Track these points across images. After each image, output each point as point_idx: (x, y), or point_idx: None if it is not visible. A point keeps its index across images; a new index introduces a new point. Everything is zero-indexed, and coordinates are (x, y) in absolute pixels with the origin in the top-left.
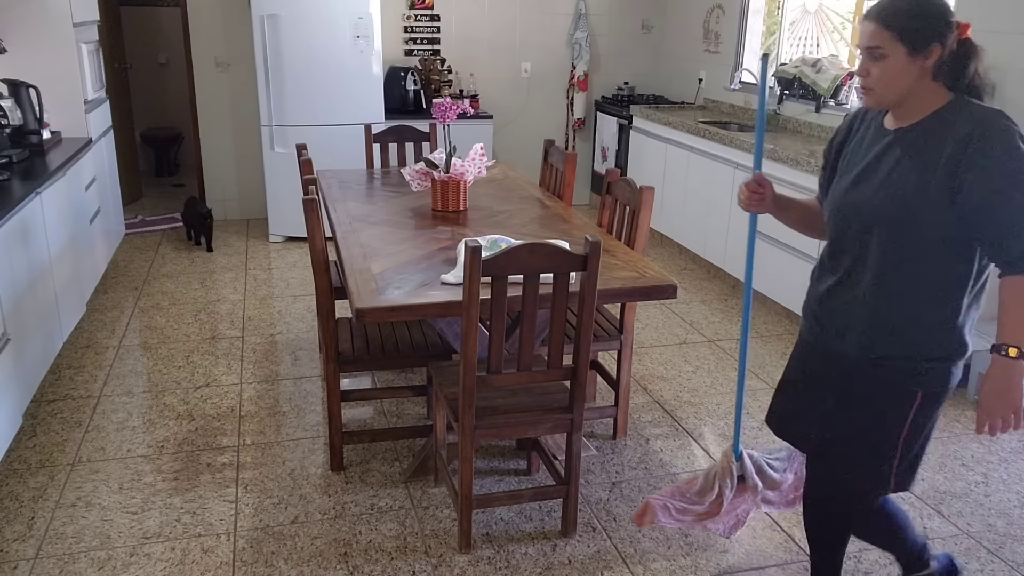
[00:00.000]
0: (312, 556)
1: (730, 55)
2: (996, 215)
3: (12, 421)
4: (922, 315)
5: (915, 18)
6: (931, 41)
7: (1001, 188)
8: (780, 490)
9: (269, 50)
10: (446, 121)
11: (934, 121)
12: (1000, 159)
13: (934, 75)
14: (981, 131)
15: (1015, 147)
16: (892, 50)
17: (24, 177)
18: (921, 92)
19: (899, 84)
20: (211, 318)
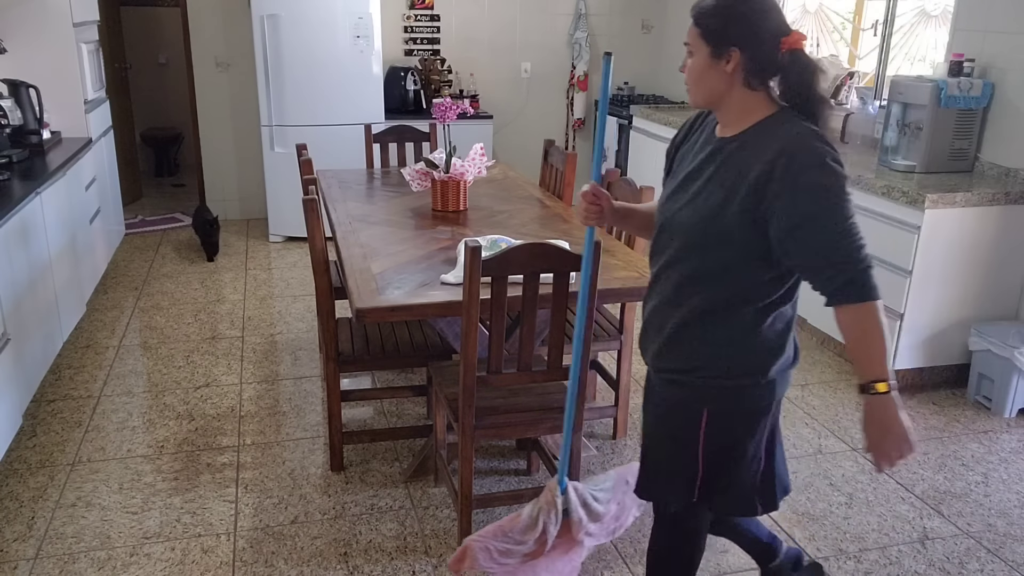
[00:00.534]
0: (312, 556)
1: None
2: (809, 245)
3: (12, 421)
4: (718, 334)
5: (717, 18)
6: (728, 45)
7: (813, 215)
8: (602, 522)
9: (269, 50)
10: (446, 121)
11: (752, 135)
12: (809, 186)
13: (748, 83)
14: (789, 154)
15: (825, 171)
16: (698, 48)
17: (24, 177)
18: (740, 100)
19: (705, 85)
20: (211, 318)
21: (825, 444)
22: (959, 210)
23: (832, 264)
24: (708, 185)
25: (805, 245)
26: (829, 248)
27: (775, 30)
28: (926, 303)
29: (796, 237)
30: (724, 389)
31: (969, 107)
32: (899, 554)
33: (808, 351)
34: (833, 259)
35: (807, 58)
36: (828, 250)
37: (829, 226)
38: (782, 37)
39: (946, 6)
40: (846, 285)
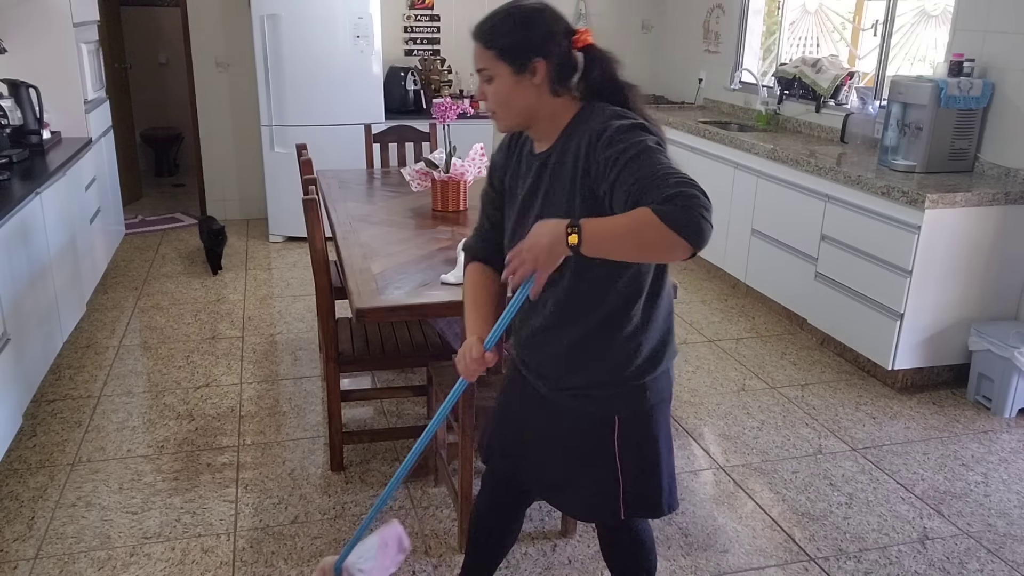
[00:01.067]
0: (312, 556)
1: (730, 55)
2: (634, 174)
3: (12, 421)
4: (615, 341)
5: (511, 34)
6: (532, 57)
7: (633, 156)
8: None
9: (269, 50)
10: (446, 121)
11: (566, 136)
12: (623, 139)
13: (553, 91)
14: (600, 130)
15: (636, 129)
16: (498, 70)
17: (24, 177)
18: (550, 110)
19: (517, 105)
20: (211, 318)
21: (825, 444)
22: (959, 210)
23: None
24: (547, 201)
25: (632, 176)
26: (654, 171)
27: (566, 30)
28: (926, 303)
29: (623, 176)
30: (632, 390)
31: (969, 107)
32: (899, 554)
33: (808, 351)
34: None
35: (601, 51)
36: (653, 173)
37: (650, 158)
38: (572, 36)
39: (946, 6)
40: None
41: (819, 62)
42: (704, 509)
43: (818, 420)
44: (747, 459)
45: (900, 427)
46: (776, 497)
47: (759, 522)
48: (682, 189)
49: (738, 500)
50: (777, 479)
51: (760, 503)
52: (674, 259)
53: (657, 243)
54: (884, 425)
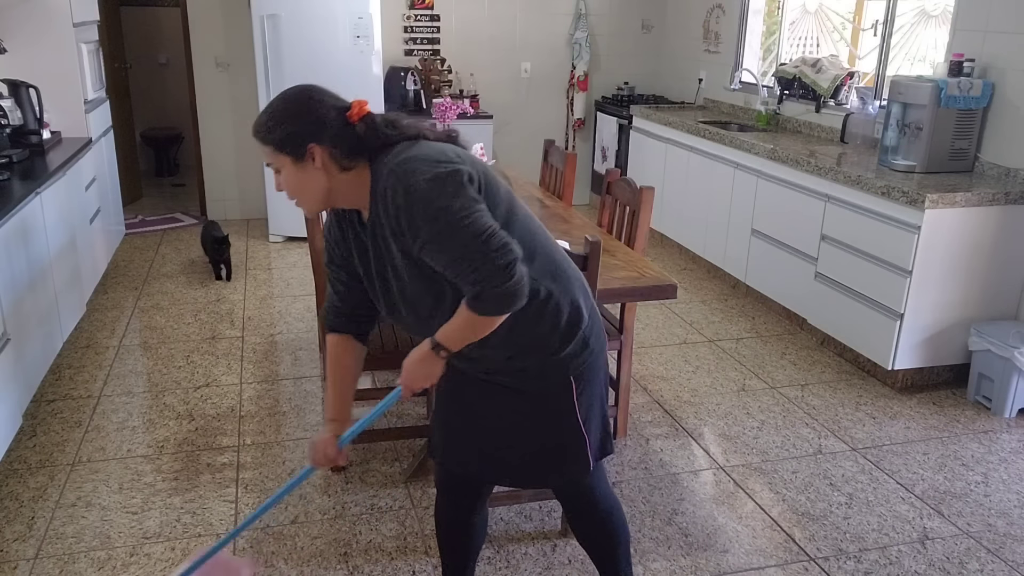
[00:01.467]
0: (312, 556)
1: (730, 55)
2: (442, 258)
3: (12, 421)
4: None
5: (281, 127)
6: (304, 143)
7: (432, 236)
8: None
9: (269, 50)
10: (446, 121)
11: (372, 200)
12: (414, 207)
13: (342, 168)
14: (390, 191)
15: (424, 186)
16: (280, 162)
17: (24, 177)
18: (347, 183)
19: (308, 190)
20: (211, 318)
21: (825, 444)
22: (959, 210)
23: (463, 277)
24: (390, 264)
25: (441, 261)
26: (456, 261)
27: (337, 108)
28: (926, 303)
29: (434, 256)
30: (576, 350)
31: (969, 107)
32: (899, 554)
33: (808, 351)
34: (463, 271)
35: (378, 117)
36: (455, 264)
37: (453, 240)
38: (346, 113)
39: (946, 6)
40: (479, 294)
41: (819, 62)
42: (704, 509)
43: (818, 420)
44: (747, 459)
45: (900, 427)
46: (776, 497)
47: (759, 522)
48: (483, 284)
49: (738, 500)
50: (777, 479)
51: (760, 503)
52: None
53: (493, 323)
54: (884, 425)
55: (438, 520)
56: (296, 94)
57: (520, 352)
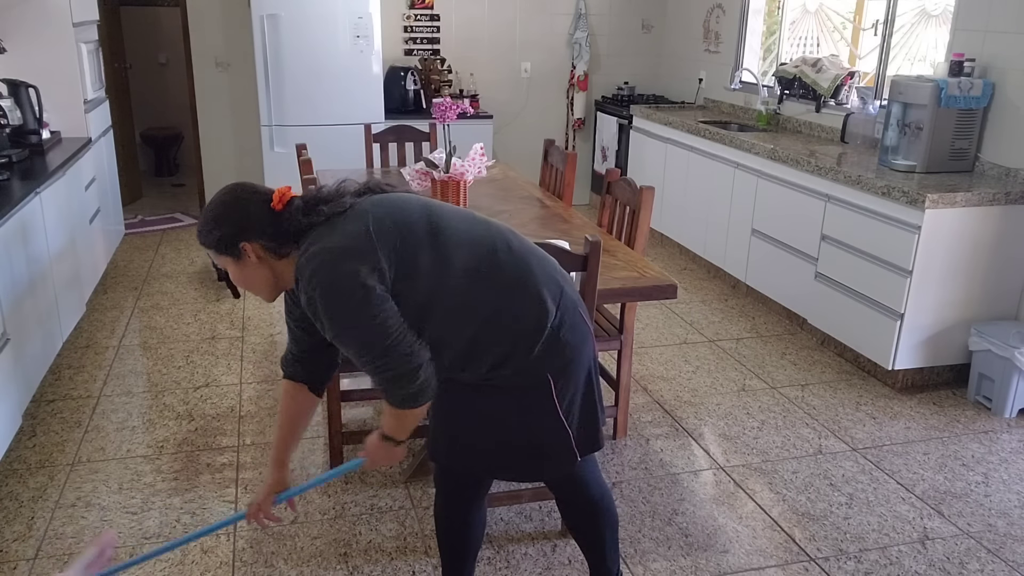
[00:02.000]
0: (312, 556)
1: (730, 55)
2: (350, 352)
3: (12, 421)
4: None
5: (212, 231)
6: (236, 243)
7: (336, 336)
8: None
9: (269, 50)
10: (446, 121)
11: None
12: (317, 307)
13: (279, 256)
14: (303, 283)
15: (325, 291)
16: (224, 262)
17: (24, 177)
18: (285, 270)
19: (257, 281)
20: (211, 318)
21: (825, 444)
22: (959, 210)
23: (379, 375)
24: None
25: (347, 351)
26: (364, 360)
27: (260, 201)
28: (926, 303)
29: (339, 345)
30: (550, 350)
31: (969, 107)
32: (899, 554)
33: (808, 351)
34: (374, 369)
35: (297, 200)
36: (364, 362)
37: (356, 347)
38: (271, 204)
39: (946, 6)
40: (386, 392)
41: (819, 62)
42: (704, 509)
43: (818, 420)
44: (747, 459)
45: (900, 427)
46: (776, 497)
47: (759, 522)
48: (386, 387)
49: (738, 500)
50: (777, 479)
51: (760, 503)
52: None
53: (417, 416)
54: (884, 425)
55: (437, 519)
56: (222, 196)
57: (494, 365)
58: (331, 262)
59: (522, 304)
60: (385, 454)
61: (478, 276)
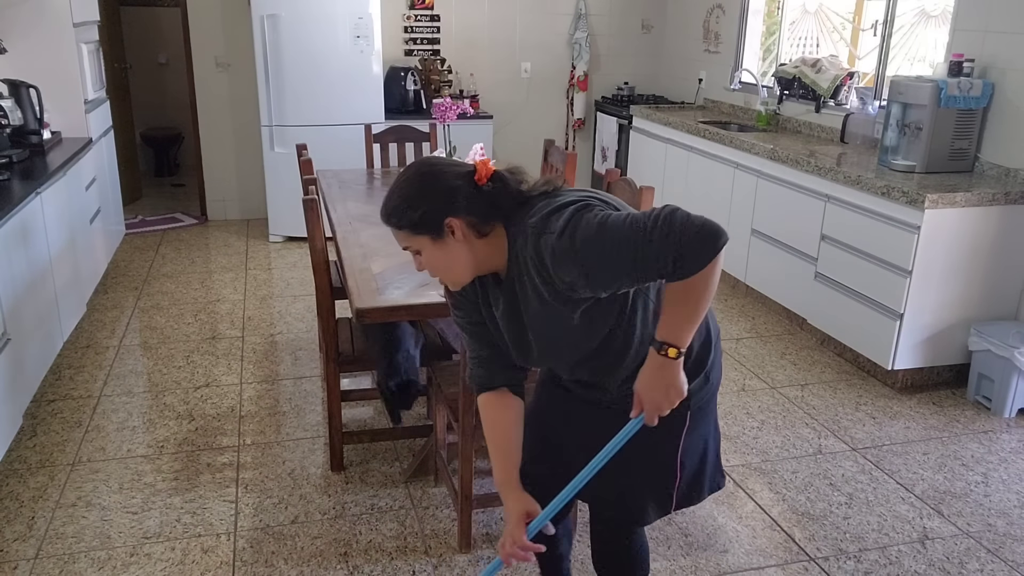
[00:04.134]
0: (312, 556)
1: (730, 55)
2: (622, 270)
3: (12, 421)
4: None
5: (413, 209)
6: (441, 220)
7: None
8: None
9: (269, 50)
10: (446, 121)
11: (511, 260)
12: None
13: (480, 233)
14: (536, 253)
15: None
16: (420, 244)
17: (24, 177)
18: (487, 250)
19: (455, 265)
20: (211, 318)
21: (825, 444)
22: (959, 210)
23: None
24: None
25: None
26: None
27: (461, 175)
28: (926, 303)
29: (608, 279)
30: (699, 378)
31: (969, 107)
32: (899, 554)
33: (808, 351)
34: (652, 257)
35: (505, 173)
36: (637, 258)
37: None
38: (474, 177)
39: (946, 6)
40: (674, 265)
41: (819, 62)
42: (704, 509)
43: (818, 420)
44: (747, 459)
45: (900, 427)
46: (776, 497)
47: (759, 522)
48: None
49: (738, 500)
50: (777, 479)
51: (760, 503)
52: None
53: (710, 287)
54: (884, 425)
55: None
56: (419, 172)
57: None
58: (564, 213)
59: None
60: (666, 379)
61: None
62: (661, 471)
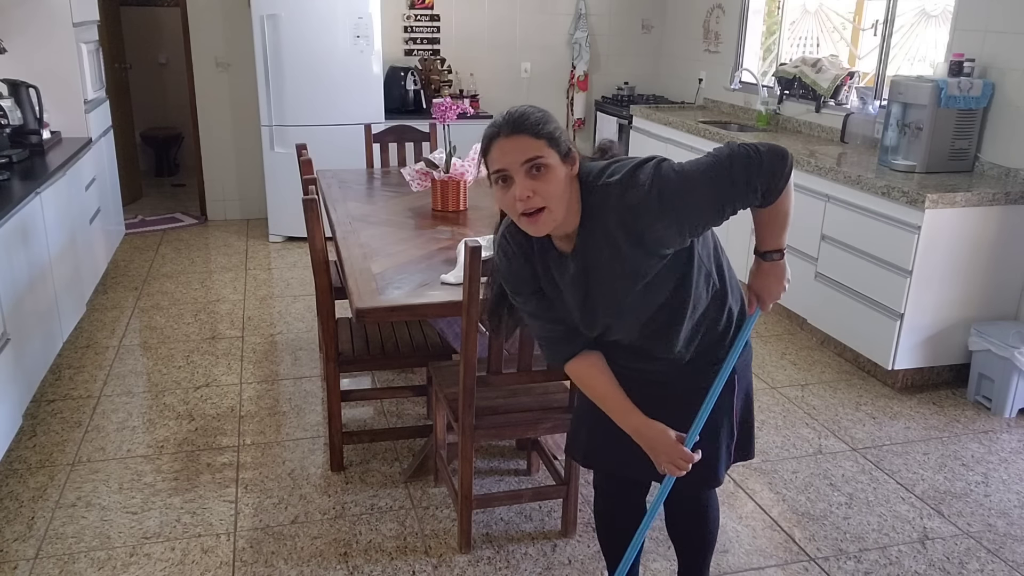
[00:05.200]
0: (312, 556)
1: (730, 55)
2: (711, 204)
3: (12, 421)
4: (715, 315)
5: (551, 122)
6: (570, 144)
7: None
8: None
9: (269, 50)
10: (446, 121)
11: (590, 219)
12: (654, 192)
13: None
14: (627, 205)
15: (650, 176)
16: (551, 159)
17: (24, 177)
18: (573, 200)
19: (565, 195)
20: (211, 318)
21: (825, 444)
22: (959, 210)
23: (741, 185)
24: (602, 278)
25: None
26: (715, 203)
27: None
28: (926, 303)
29: (700, 217)
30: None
31: (969, 107)
32: (899, 554)
33: (808, 351)
34: (727, 196)
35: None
36: (718, 204)
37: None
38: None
39: (946, 6)
40: (763, 195)
41: (819, 62)
42: None
43: (818, 420)
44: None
45: (900, 427)
46: (776, 497)
47: (759, 522)
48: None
49: (738, 500)
50: (777, 479)
51: (760, 503)
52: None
53: (790, 197)
54: (884, 425)
55: (605, 523)
56: (537, 108)
57: (701, 351)
58: (653, 168)
59: (735, 294)
60: (777, 278)
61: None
62: (726, 430)
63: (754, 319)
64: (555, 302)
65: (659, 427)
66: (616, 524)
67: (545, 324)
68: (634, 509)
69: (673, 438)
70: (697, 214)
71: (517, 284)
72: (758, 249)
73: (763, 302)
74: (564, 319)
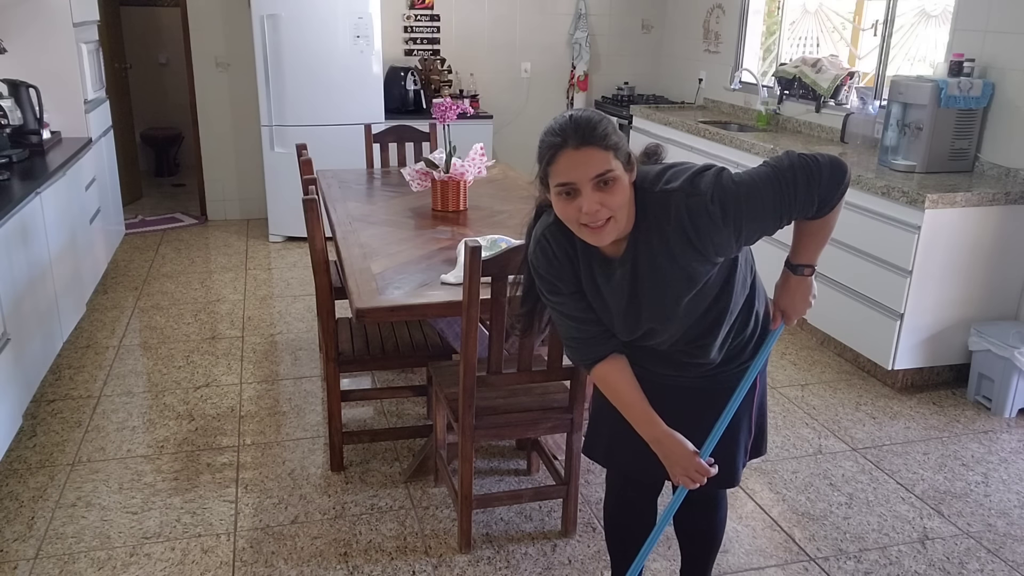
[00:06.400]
0: (312, 556)
1: (730, 55)
2: (769, 212)
3: (12, 421)
4: (744, 319)
5: (615, 133)
6: (629, 150)
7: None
8: None
9: (269, 50)
10: (446, 121)
11: (645, 224)
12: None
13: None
14: (689, 211)
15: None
16: (617, 170)
17: (24, 177)
18: (631, 205)
19: (626, 204)
20: (211, 318)
21: (825, 444)
22: (959, 210)
23: (789, 204)
24: (651, 285)
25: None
26: (775, 202)
27: None
28: (926, 303)
29: (759, 224)
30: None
31: (969, 107)
32: (899, 554)
33: (808, 351)
34: (787, 203)
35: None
36: (778, 203)
37: (759, 209)
38: None
39: (946, 6)
40: (818, 207)
41: (819, 62)
42: None
43: (818, 420)
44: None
45: (900, 427)
46: (776, 497)
47: (759, 522)
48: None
49: (738, 500)
50: (777, 479)
51: (760, 503)
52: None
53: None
54: (884, 425)
55: (616, 523)
56: (598, 113)
57: (729, 356)
58: (713, 177)
59: (760, 299)
60: (803, 293)
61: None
62: (744, 431)
63: (778, 333)
64: (592, 304)
65: (678, 439)
66: (626, 523)
67: (580, 326)
68: (646, 509)
69: (691, 451)
70: (758, 223)
71: (555, 285)
72: (791, 260)
73: (788, 317)
74: (598, 321)
